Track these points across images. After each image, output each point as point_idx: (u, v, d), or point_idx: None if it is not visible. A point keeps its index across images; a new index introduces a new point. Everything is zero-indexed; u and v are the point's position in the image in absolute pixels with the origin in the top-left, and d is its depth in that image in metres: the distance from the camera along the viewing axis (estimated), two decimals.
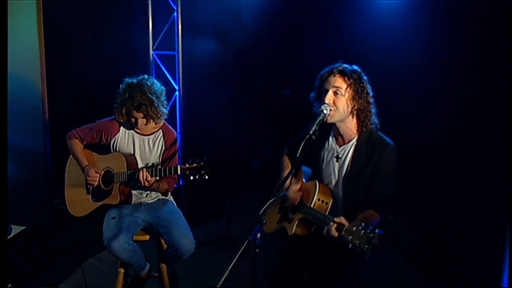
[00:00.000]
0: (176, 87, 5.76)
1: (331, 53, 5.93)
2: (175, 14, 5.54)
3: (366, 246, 2.41)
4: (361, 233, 2.44)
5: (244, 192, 6.20)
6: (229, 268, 2.31)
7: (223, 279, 2.29)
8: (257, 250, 2.45)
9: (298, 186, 3.05)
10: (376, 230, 2.41)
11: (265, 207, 2.51)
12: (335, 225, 2.60)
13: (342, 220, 2.60)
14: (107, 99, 5.16)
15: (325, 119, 2.87)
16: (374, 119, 2.97)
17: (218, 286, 2.27)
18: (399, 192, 5.34)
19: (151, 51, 5.73)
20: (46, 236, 4.99)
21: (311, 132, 2.75)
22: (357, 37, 5.69)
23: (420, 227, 5.33)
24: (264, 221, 2.45)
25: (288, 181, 2.94)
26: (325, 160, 3.08)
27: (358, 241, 2.44)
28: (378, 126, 2.99)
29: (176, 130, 5.75)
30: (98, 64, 5.80)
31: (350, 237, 2.48)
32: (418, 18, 5.21)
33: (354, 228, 2.48)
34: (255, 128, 6.49)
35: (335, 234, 2.58)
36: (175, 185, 3.79)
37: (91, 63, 5.79)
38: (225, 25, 6.11)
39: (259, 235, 2.43)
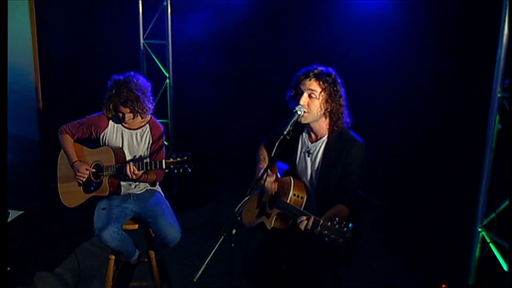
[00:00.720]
0: (167, 75, 5.90)
1: (320, 41, 6.08)
2: (165, 3, 5.66)
3: (341, 240, 2.59)
4: (336, 228, 2.61)
5: (233, 177, 6.37)
6: (206, 262, 2.50)
7: (200, 273, 2.48)
8: (233, 245, 2.64)
9: (273, 178, 3.19)
10: (350, 225, 2.59)
11: (240, 204, 2.70)
12: (312, 219, 2.78)
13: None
14: (99, 87, 5.31)
15: (299, 120, 3.04)
16: (346, 119, 3.13)
17: (195, 280, 2.47)
18: (386, 179, 5.60)
19: (141, 40, 5.85)
20: (42, 221, 5.20)
21: (285, 132, 2.92)
22: (345, 30, 5.84)
23: (402, 213, 5.55)
24: (239, 218, 2.65)
25: (262, 180, 3.12)
26: (298, 156, 3.25)
27: (333, 236, 2.61)
28: (350, 125, 3.15)
29: (167, 116, 5.97)
30: (90, 53, 5.93)
31: (326, 231, 2.64)
32: (401, 18, 5.35)
33: (329, 223, 2.64)
34: (245, 114, 6.62)
35: (309, 228, 2.76)
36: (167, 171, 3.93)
37: (83, 53, 5.91)
38: (215, 13, 6.21)
39: (234, 231, 2.63)
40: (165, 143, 3.88)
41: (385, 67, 5.62)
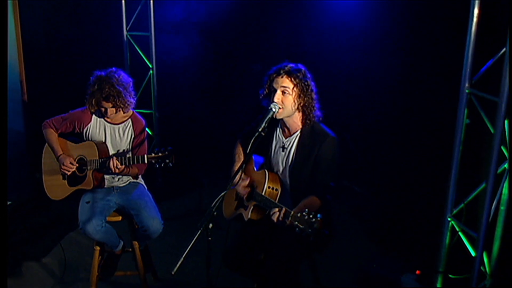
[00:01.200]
0: (151, 66, 5.98)
1: (300, 31, 6.20)
2: None
3: (309, 230, 2.75)
4: (305, 219, 2.76)
5: (216, 165, 6.48)
6: (183, 256, 2.64)
7: (178, 265, 2.62)
8: (210, 238, 2.78)
9: (246, 182, 3.35)
10: (318, 216, 2.74)
11: (216, 200, 2.83)
12: (283, 210, 2.93)
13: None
14: (83, 79, 5.35)
15: (274, 116, 3.17)
16: (317, 112, 3.26)
17: (173, 273, 2.61)
18: (365, 169, 5.79)
19: (124, 32, 5.92)
20: (29, 211, 5.32)
21: (260, 129, 3.05)
22: (322, 25, 5.99)
23: (380, 202, 5.74)
24: (215, 213, 2.78)
25: (238, 175, 3.25)
26: (273, 150, 3.39)
27: (302, 226, 2.76)
28: (321, 118, 3.29)
29: (151, 107, 6.07)
30: (74, 45, 6.00)
31: (296, 222, 2.79)
32: (376, 16, 5.54)
33: (299, 214, 2.79)
34: (227, 103, 6.74)
35: (280, 219, 2.92)
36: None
37: (67, 45, 5.98)
38: (197, 4, 6.29)
39: (211, 225, 2.76)
40: (149, 132, 3.97)
41: (362, 62, 5.80)
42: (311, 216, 2.74)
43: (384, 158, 5.72)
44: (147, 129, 3.94)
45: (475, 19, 3.36)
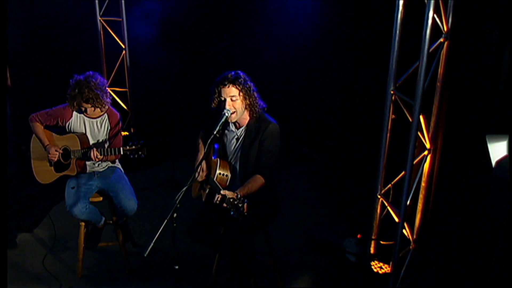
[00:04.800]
0: (123, 47, 6.45)
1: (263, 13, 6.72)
2: None
3: (237, 213, 3.44)
4: (235, 203, 3.45)
5: (186, 137, 7.02)
6: (154, 241, 3.30)
7: (149, 249, 3.28)
8: (175, 224, 3.42)
9: (204, 174, 3.97)
10: (245, 201, 3.43)
11: (179, 193, 3.44)
12: (220, 196, 3.56)
13: (226, 192, 3.55)
14: (62, 61, 5.86)
15: (228, 120, 3.78)
16: (261, 103, 3.89)
17: (145, 255, 3.27)
18: (325, 134, 6.52)
19: (98, 17, 6.36)
20: (17, 185, 5.85)
21: (215, 132, 3.67)
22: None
23: (332, 169, 6.43)
24: (178, 205, 3.41)
25: (200, 168, 3.89)
26: (227, 140, 4.03)
27: (233, 209, 3.46)
28: (265, 108, 3.92)
29: (125, 85, 6.59)
30: (53, 30, 6.40)
31: (229, 206, 3.48)
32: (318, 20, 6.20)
33: (231, 199, 3.46)
34: (195, 77, 7.24)
35: (218, 202, 3.56)
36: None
37: (46, 31, 6.38)
38: None
39: (175, 214, 3.39)
40: (124, 107, 4.34)
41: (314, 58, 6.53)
42: (239, 202, 3.43)
43: (335, 141, 6.46)
44: (122, 104, 4.42)
45: (397, 35, 3.95)
